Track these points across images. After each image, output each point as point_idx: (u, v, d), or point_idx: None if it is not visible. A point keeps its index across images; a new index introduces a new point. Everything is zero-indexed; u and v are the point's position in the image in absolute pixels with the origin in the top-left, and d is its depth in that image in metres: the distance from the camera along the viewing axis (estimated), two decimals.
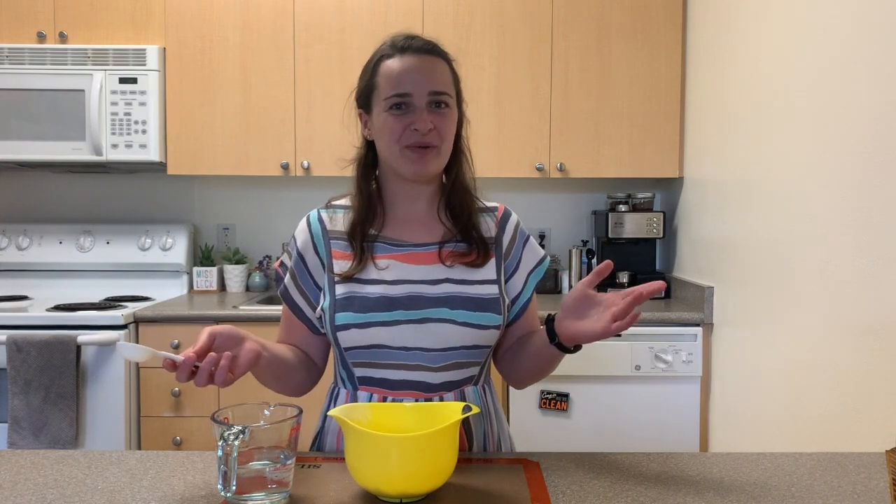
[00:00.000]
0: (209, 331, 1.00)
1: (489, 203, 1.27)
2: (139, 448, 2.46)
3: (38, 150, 2.66)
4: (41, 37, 2.73)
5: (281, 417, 0.91)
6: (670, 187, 2.95)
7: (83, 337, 2.29)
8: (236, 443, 0.83)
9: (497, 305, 1.16)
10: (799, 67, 1.83)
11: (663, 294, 2.81)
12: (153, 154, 2.69)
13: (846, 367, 1.61)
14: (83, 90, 2.66)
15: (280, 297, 1.23)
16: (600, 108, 2.75)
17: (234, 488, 0.84)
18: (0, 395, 2.34)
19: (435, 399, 1.14)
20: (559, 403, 2.43)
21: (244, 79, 2.74)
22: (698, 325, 2.43)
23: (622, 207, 2.84)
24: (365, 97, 1.19)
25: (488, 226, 1.23)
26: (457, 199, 1.21)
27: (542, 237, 3.10)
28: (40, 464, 1.01)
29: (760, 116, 2.05)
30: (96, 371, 2.35)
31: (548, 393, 2.43)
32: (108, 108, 2.67)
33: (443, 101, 1.14)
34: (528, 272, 1.24)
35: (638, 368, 2.41)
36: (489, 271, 1.19)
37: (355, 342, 1.13)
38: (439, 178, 1.22)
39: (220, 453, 0.84)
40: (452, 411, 0.94)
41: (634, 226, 2.80)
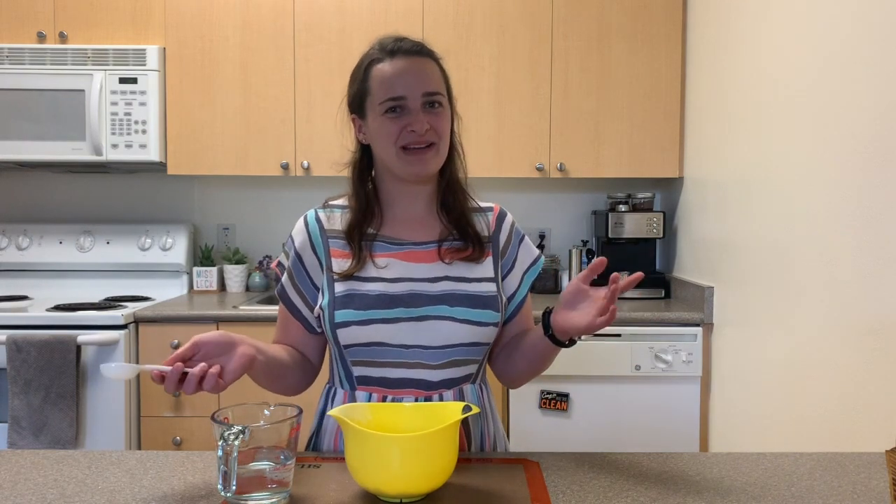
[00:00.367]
0: (194, 339, 1.00)
1: (484, 203, 1.28)
2: (139, 448, 2.46)
3: (38, 150, 2.66)
4: (41, 37, 2.73)
5: (281, 417, 0.91)
6: (670, 187, 2.95)
7: (83, 337, 2.29)
8: (236, 443, 0.83)
9: (495, 302, 1.17)
10: (799, 67, 1.83)
11: (663, 294, 2.81)
12: (153, 154, 2.69)
13: (846, 367, 1.61)
14: (83, 90, 2.65)
15: (277, 297, 1.24)
16: (600, 108, 2.75)
17: (234, 488, 0.84)
18: (0, 395, 2.34)
19: (434, 397, 1.14)
20: (559, 403, 2.43)
21: (244, 79, 2.74)
22: (698, 325, 2.43)
23: (622, 207, 2.84)
24: (358, 102, 1.20)
25: (482, 225, 1.24)
26: (451, 196, 1.22)
27: (542, 237, 3.10)
28: (40, 464, 1.02)
29: (760, 116, 2.05)
30: (96, 371, 2.34)
31: (548, 393, 2.43)
32: (108, 108, 2.67)
33: (437, 101, 1.15)
34: (524, 271, 1.25)
35: (638, 368, 2.41)
36: (487, 269, 1.20)
37: (355, 339, 1.13)
38: (435, 177, 1.23)
39: (220, 453, 0.84)
40: (452, 411, 0.94)
41: (634, 226, 2.80)
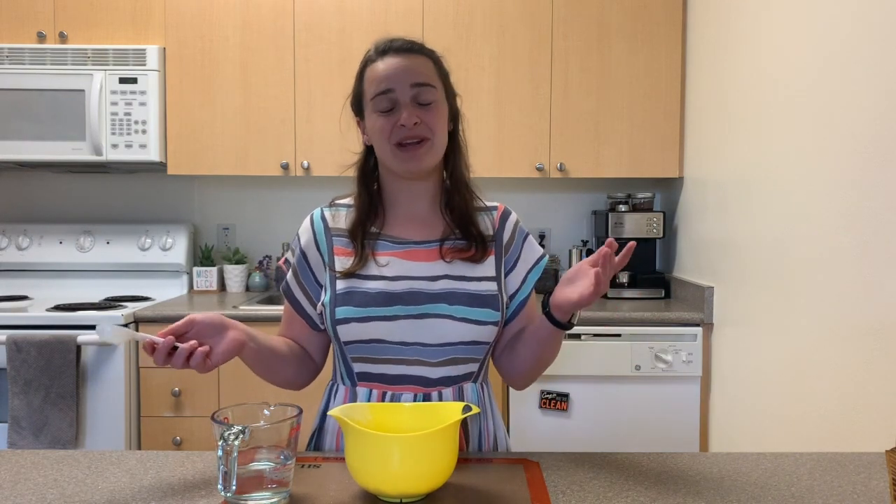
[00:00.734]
0: (189, 317, 1.03)
1: (489, 203, 1.28)
2: (139, 448, 2.46)
3: (38, 150, 2.66)
4: (41, 37, 2.73)
5: (281, 417, 0.91)
6: (670, 187, 2.95)
7: (83, 337, 2.29)
8: (236, 443, 0.83)
9: (496, 302, 1.17)
10: (799, 67, 1.83)
11: (663, 294, 2.81)
12: (153, 154, 2.69)
13: (846, 367, 1.61)
14: (83, 90, 2.65)
15: (282, 293, 1.26)
16: (600, 108, 2.75)
17: (234, 488, 0.84)
18: (0, 395, 2.34)
19: (433, 394, 1.15)
20: (559, 403, 2.43)
21: (244, 79, 2.74)
22: (698, 325, 2.43)
23: (622, 207, 2.84)
24: (357, 104, 1.23)
25: (486, 224, 1.25)
26: (455, 195, 1.23)
27: (542, 237, 3.10)
28: (40, 464, 1.02)
29: (760, 116, 2.05)
30: (96, 371, 2.35)
31: (548, 393, 2.43)
32: (108, 108, 2.67)
33: (427, 94, 1.15)
34: (527, 270, 1.25)
35: (638, 368, 2.41)
36: (488, 268, 1.20)
37: (355, 336, 1.14)
38: (438, 175, 1.24)
39: (220, 453, 0.84)
40: (452, 411, 0.94)
41: (634, 226, 2.80)
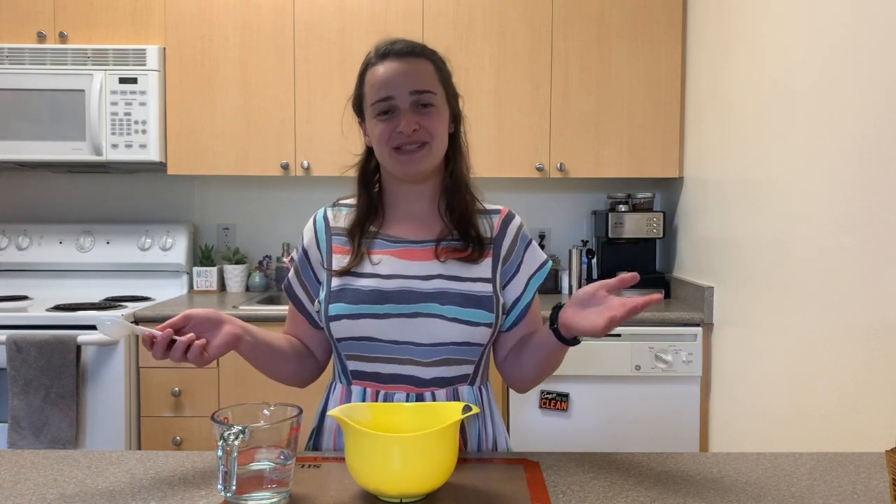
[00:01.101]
0: (185, 313, 1.06)
1: (492, 206, 1.28)
2: (139, 448, 2.46)
3: (38, 150, 2.66)
4: (41, 37, 2.73)
5: (281, 417, 0.91)
6: (670, 187, 2.95)
7: (83, 337, 2.29)
8: (236, 443, 0.83)
9: (490, 303, 1.16)
10: (799, 67, 1.83)
11: (663, 294, 2.80)
12: (153, 154, 2.69)
13: (846, 367, 1.61)
14: (83, 90, 2.65)
15: (284, 291, 1.28)
16: (600, 108, 2.75)
17: (234, 488, 0.84)
18: (0, 395, 2.34)
19: (427, 395, 1.15)
20: (559, 403, 2.43)
21: (244, 79, 2.74)
22: (698, 325, 2.43)
23: (622, 207, 2.84)
24: (357, 106, 1.24)
25: (486, 227, 1.24)
26: (455, 197, 1.23)
27: (542, 237, 3.10)
28: (40, 464, 1.01)
29: (760, 116, 2.05)
30: (96, 371, 2.35)
31: (548, 393, 2.43)
32: (108, 108, 2.67)
33: (426, 100, 1.15)
34: (529, 276, 1.24)
35: (638, 368, 2.41)
36: (483, 269, 1.19)
37: (346, 333, 1.15)
38: (438, 176, 1.24)
39: (220, 453, 0.84)
40: (452, 411, 0.94)
41: (634, 226, 2.80)
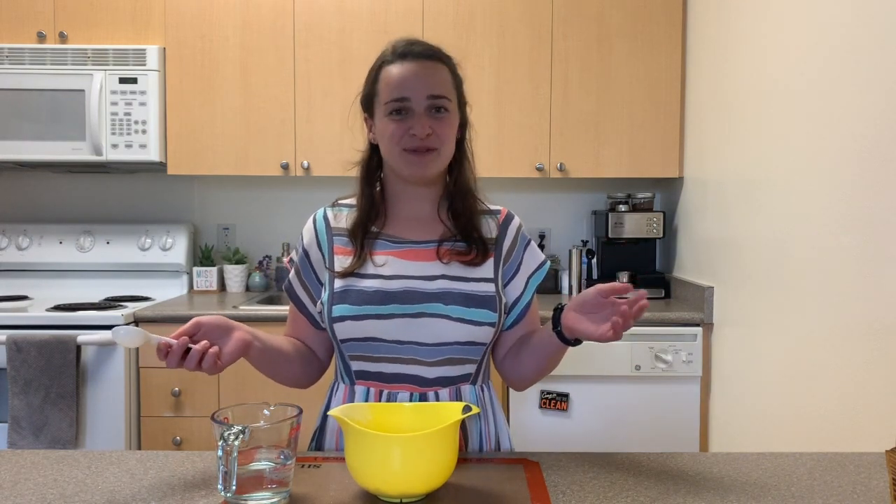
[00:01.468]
0: (195, 320, 1.04)
1: (493, 206, 1.28)
2: (139, 448, 2.46)
3: (38, 150, 2.66)
4: (41, 37, 2.73)
5: (281, 417, 0.91)
6: (670, 187, 2.95)
7: (83, 337, 2.29)
8: (236, 443, 0.83)
9: (492, 303, 1.17)
10: (799, 67, 1.83)
11: (663, 294, 2.81)
12: (153, 154, 2.69)
13: (846, 367, 1.61)
14: (83, 90, 2.65)
15: (285, 292, 1.27)
16: (600, 109, 2.75)
17: (234, 488, 0.84)
18: (0, 395, 2.34)
19: (430, 394, 1.15)
20: (559, 403, 2.43)
21: (244, 79, 2.74)
22: (698, 325, 2.43)
23: (622, 207, 2.84)
24: (367, 102, 1.22)
25: (489, 227, 1.25)
26: (459, 201, 1.23)
27: (542, 237, 3.10)
28: (40, 464, 1.02)
29: (760, 116, 2.05)
30: (96, 371, 2.34)
31: (548, 393, 2.43)
32: (108, 108, 2.67)
33: (441, 106, 1.15)
34: (529, 275, 1.25)
35: (638, 368, 2.41)
36: (486, 270, 1.20)
37: (350, 334, 1.15)
38: (442, 180, 1.24)
39: (220, 453, 0.84)
40: (452, 411, 0.94)
41: (634, 226, 2.80)
